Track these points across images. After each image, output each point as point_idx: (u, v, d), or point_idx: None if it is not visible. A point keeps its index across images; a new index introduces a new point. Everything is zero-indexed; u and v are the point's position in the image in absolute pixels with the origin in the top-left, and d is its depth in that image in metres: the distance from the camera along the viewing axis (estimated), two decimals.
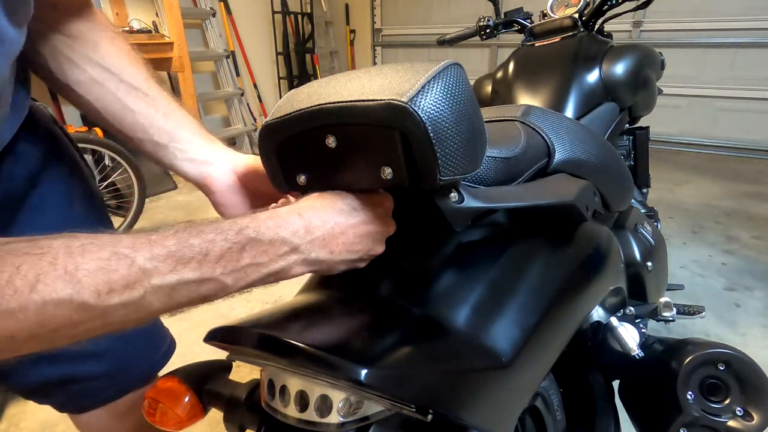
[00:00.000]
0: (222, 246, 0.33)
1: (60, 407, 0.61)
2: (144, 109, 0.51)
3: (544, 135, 0.62)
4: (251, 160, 0.54)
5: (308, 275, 0.54)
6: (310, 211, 0.39)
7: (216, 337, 0.39)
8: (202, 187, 0.54)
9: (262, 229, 0.35)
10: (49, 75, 0.49)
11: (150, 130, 0.51)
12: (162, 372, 0.65)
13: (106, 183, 2.38)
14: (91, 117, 0.52)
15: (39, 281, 0.26)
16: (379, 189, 0.44)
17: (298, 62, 4.49)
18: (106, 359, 0.59)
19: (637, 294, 0.97)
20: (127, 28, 2.86)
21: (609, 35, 1.19)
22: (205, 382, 0.48)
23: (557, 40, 1.13)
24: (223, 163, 0.53)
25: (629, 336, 0.62)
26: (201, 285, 0.33)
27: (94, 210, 0.60)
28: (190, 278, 0.32)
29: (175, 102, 0.54)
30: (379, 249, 0.44)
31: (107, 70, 0.50)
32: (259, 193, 0.54)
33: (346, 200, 0.41)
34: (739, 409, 0.56)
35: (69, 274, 0.27)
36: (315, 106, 0.38)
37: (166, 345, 0.68)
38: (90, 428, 0.65)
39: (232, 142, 3.84)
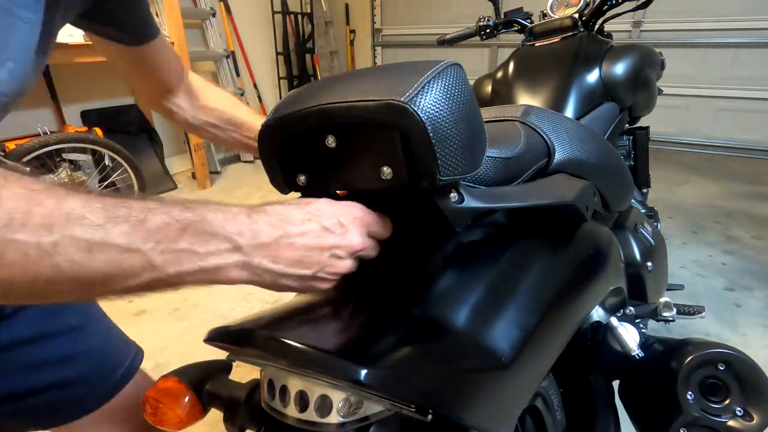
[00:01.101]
0: (161, 219, 0.31)
1: (27, 428, 0.60)
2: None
3: (544, 135, 0.62)
4: None
5: None
6: (261, 215, 0.37)
7: (216, 337, 0.39)
8: None
9: (209, 217, 0.33)
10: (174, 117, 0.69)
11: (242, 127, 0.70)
12: (162, 372, 0.64)
13: (106, 183, 2.37)
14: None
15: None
16: (353, 201, 0.43)
17: (298, 62, 4.48)
18: (69, 367, 0.57)
19: (637, 294, 0.97)
20: None
21: (609, 35, 1.19)
22: (205, 382, 0.48)
23: (557, 40, 1.13)
24: None
25: (629, 336, 0.62)
26: (124, 254, 0.29)
27: None
28: (115, 242, 0.29)
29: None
30: (343, 266, 0.40)
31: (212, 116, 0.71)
32: None
33: (303, 209, 0.39)
34: (739, 409, 0.56)
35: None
36: (315, 106, 0.38)
37: (131, 356, 0.66)
38: None
39: None
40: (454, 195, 0.41)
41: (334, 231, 0.39)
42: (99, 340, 0.63)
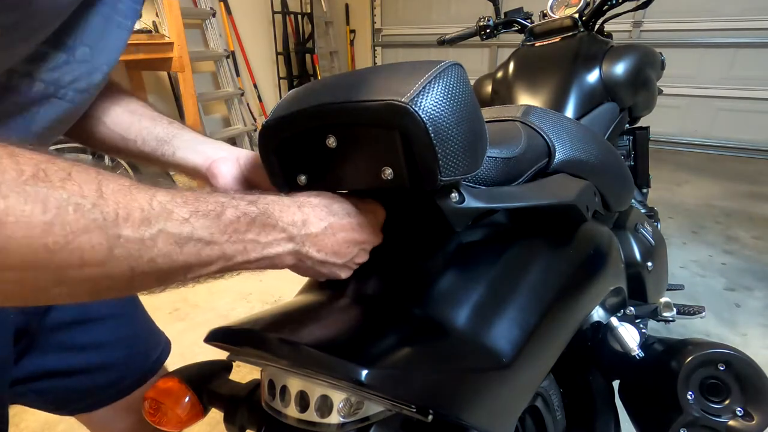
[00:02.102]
0: (233, 213, 0.33)
1: (56, 410, 0.61)
2: (150, 123, 0.54)
3: (544, 135, 0.62)
4: (255, 155, 0.54)
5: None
6: (307, 206, 0.40)
7: (216, 337, 0.39)
8: (207, 172, 0.54)
9: (270, 209, 0.36)
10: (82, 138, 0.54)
11: (154, 130, 0.53)
12: (160, 374, 0.65)
13: None
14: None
15: (67, 180, 0.24)
16: (370, 198, 0.45)
17: (298, 62, 4.48)
18: (106, 352, 0.59)
19: (637, 294, 0.97)
20: None
21: (609, 35, 1.19)
22: (205, 382, 0.48)
23: (557, 40, 1.13)
24: (228, 153, 0.54)
25: (629, 336, 0.62)
26: (206, 247, 0.31)
27: None
28: (200, 235, 0.31)
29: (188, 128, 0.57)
30: (363, 258, 0.44)
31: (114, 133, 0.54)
32: (260, 187, 0.54)
33: (342, 204, 0.42)
34: (739, 409, 0.56)
35: (96, 189, 0.26)
36: (315, 105, 0.38)
37: (161, 346, 0.68)
38: (92, 422, 0.65)
39: (232, 142, 3.84)
40: (454, 195, 0.41)
41: (366, 227, 0.43)
42: (135, 328, 0.64)
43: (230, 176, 0.53)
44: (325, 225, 0.40)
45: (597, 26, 1.16)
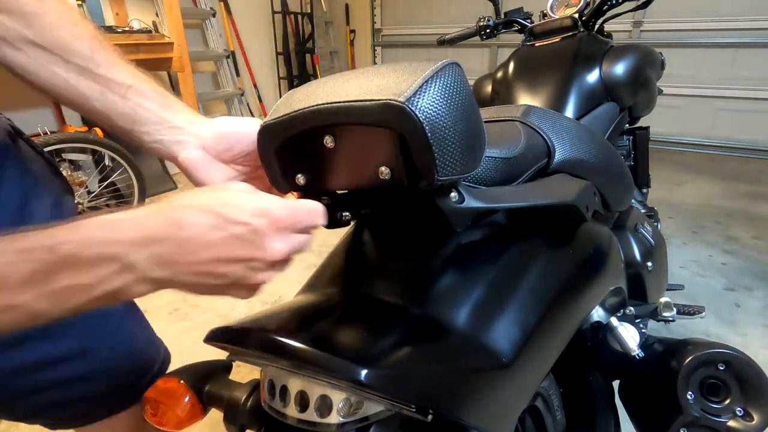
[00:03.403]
0: (25, 268, 0.28)
1: (52, 426, 0.59)
2: (98, 94, 0.44)
3: (544, 135, 0.62)
4: (216, 128, 0.48)
5: (309, 274, 0.54)
6: (157, 217, 0.32)
7: (216, 337, 0.39)
8: (179, 167, 0.49)
9: (85, 243, 0.30)
10: None
11: (111, 116, 0.46)
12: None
13: (106, 183, 2.38)
14: (57, 101, 0.46)
15: None
16: (276, 198, 0.37)
17: (298, 62, 4.49)
18: (98, 379, 0.55)
19: (637, 294, 0.97)
20: (127, 28, 2.86)
21: (609, 35, 1.19)
22: (205, 382, 0.48)
23: (557, 40, 1.13)
24: (191, 141, 0.48)
25: (629, 336, 0.62)
26: (7, 313, 0.28)
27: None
28: None
29: (130, 72, 0.46)
30: (260, 278, 0.36)
31: (48, 51, 0.42)
32: (235, 158, 0.50)
33: (213, 210, 0.33)
34: (739, 409, 0.56)
35: None
36: (313, 106, 0.38)
37: (161, 359, 0.65)
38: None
39: None
40: (454, 195, 0.41)
41: (246, 240, 0.33)
42: (129, 341, 0.60)
43: (201, 168, 0.48)
44: (176, 242, 0.31)
45: (597, 26, 1.16)
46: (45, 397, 0.53)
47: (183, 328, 1.63)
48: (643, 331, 0.64)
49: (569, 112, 0.96)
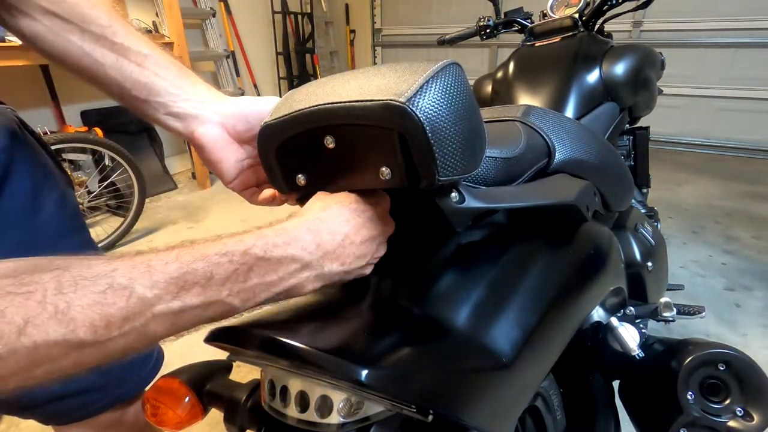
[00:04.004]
0: (227, 268, 0.32)
1: (45, 421, 0.59)
2: (114, 61, 0.44)
3: (544, 135, 0.62)
4: (239, 107, 0.48)
5: None
6: (318, 223, 0.38)
7: (217, 337, 0.39)
8: (190, 141, 0.49)
9: (270, 247, 0.35)
10: (6, 26, 0.43)
11: (126, 84, 0.45)
12: (161, 374, 0.64)
13: (106, 183, 2.37)
14: (67, 71, 0.46)
15: (28, 324, 0.24)
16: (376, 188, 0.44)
17: (298, 62, 4.48)
18: (96, 374, 0.56)
19: (637, 294, 0.97)
20: None
21: (609, 35, 1.19)
22: (205, 382, 0.48)
23: (557, 40, 1.13)
24: (210, 116, 0.48)
25: (629, 336, 0.62)
26: (207, 308, 0.32)
27: (66, 220, 0.56)
28: (194, 303, 0.31)
29: (146, 43, 0.46)
30: (382, 251, 0.44)
31: (65, 20, 0.42)
32: (252, 139, 0.49)
33: (351, 206, 0.41)
34: (739, 409, 0.56)
35: (61, 313, 0.25)
36: (313, 106, 0.38)
37: (154, 358, 0.66)
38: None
39: None
40: (454, 195, 0.41)
41: (376, 220, 0.42)
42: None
43: (217, 146, 0.48)
44: (340, 238, 0.38)
45: (597, 26, 1.16)
46: (40, 391, 0.53)
47: None
48: (643, 331, 0.64)
49: (569, 112, 0.96)
